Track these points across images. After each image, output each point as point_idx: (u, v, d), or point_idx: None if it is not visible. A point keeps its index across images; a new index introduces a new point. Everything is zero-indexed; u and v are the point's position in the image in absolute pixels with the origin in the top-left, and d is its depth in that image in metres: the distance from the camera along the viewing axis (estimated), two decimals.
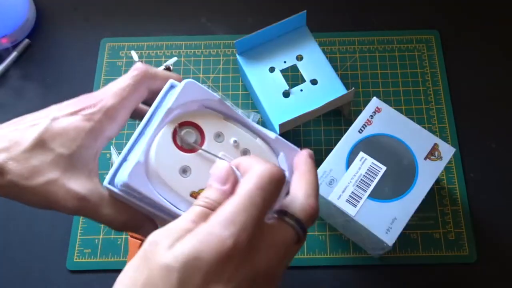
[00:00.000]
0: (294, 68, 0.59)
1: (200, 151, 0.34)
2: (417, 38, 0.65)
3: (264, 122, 0.60)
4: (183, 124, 0.35)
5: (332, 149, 0.50)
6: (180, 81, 0.38)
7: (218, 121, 0.36)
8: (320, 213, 0.54)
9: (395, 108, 0.51)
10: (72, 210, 0.35)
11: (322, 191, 0.48)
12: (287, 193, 0.33)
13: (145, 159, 0.33)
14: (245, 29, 0.65)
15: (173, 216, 0.33)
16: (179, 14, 0.69)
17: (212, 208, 0.29)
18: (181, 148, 0.34)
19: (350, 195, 0.47)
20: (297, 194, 0.32)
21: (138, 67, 0.38)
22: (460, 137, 0.59)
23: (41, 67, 0.65)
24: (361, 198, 0.47)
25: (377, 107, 0.51)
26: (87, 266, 0.54)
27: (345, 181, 0.48)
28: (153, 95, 0.38)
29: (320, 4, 0.68)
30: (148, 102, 0.38)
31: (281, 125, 0.52)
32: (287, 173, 0.35)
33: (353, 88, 0.54)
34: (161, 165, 0.33)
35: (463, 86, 0.62)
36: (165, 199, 0.33)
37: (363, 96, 0.62)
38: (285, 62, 0.58)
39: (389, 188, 0.47)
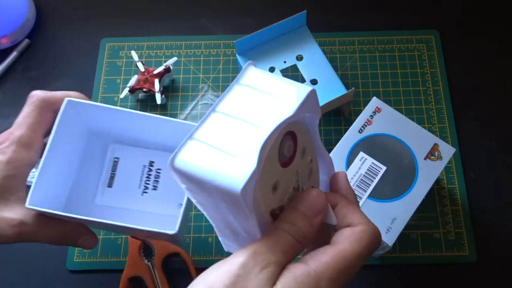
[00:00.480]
0: (294, 68, 0.59)
1: (289, 167, 0.29)
2: (417, 38, 0.65)
3: None
4: (287, 134, 0.29)
5: (332, 149, 0.49)
6: (79, 97, 0.43)
7: (305, 135, 0.31)
8: None
9: (395, 108, 0.51)
10: (13, 237, 0.39)
11: None
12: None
13: (258, 166, 0.26)
14: (245, 29, 0.65)
15: (251, 236, 0.29)
16: (179, 14, 0.69)
17: (299, 240, 0.28)
18: (281, 162, 0.29)
19: None
20: (360, 226, 0.29)
21: (33, 94, 0.42)
22: (460, 137, 0.59)
23: (41, 67, 0.65)
24: (361, 198, 0.47)
25: (377, 107, 0.51)
26: (87, 266, 0.54)
27: None
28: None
29: (320, 4, 0.68)
30: None
31: None
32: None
33: (353, 88, 0.54)
34: (262, 177, 0.27)
35: (463, 86, 0.62)
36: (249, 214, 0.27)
37: (363, 96, 0.62)
38: (285, 62, 0.58)
39: (389, 188, 0.47)
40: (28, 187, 0.40)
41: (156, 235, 0.41)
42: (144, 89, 0.60)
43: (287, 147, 0.29)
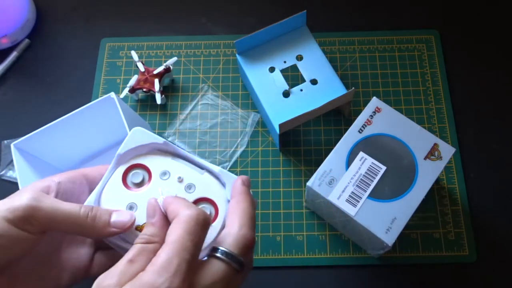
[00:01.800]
0: (294, 68, 0.59)
1: (146, 189, 0.39)
2: (417, 38, 0.65)
3: (264, 122, 0.60)
4: (132, 167, 0.40)
5: (332, 149, 0.49)
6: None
7: (165, 160, 0.40)
8: (320, 213, 0.54)
9: (395, 108, 0.51)
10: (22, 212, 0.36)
11: (322, 191, 0.48)
12: (223, 227, 0.37)
13: (97, 198, 0.38)
14: (245, 29, 0.65)
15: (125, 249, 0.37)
16: (179, 14, 0.69)
17: (148, 242, 0.33)
18: (129, 187, 0.39)
19: (350, 195, 0.47)
20: (231, 226, 0.35)
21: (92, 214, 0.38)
22: (460, 137, 0.59)
23: (41, 67, 0.65)
24: (361, 198, 0.47)
25: (377, 107, 0.51)
26: None
27: (345, 181, 0.48)
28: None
29: (320, 4, 0.68)
30: None
31: (281, 125, 0.52)
32: (236, 188, 0.39)
33: (353, 88, 0.54)
34: (110, 203, 0.38)
35: (463, 86, 0.62)
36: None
37: (363, 96, 0.62)
38: (285, 62, 0.58)
39: (389, 188, 0.47)
40: None
41: None
42: (144, 89, 0.60)
43: (132, 175, 0.39)
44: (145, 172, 0.40)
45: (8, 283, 0.36)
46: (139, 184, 0.39)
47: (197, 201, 0.39)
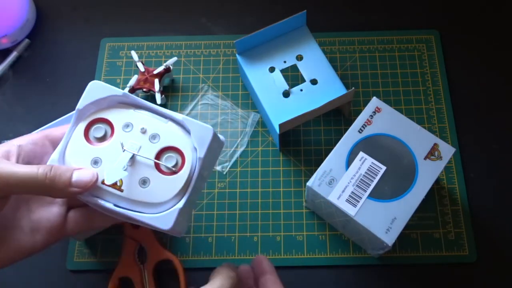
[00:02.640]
0: (294, 68, 0.59)
1: (109, 142, 0.38)
2: (417, 38, 0.65)
3: (264, 122, 0.60)
4: (94, 122, 0.39)
5: (332, 149, 0.50)
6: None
7: (127, 112, 0.39)
8: (320, 213, 0.54)
9: (395, 108, 0.51)
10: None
11: (322, 191, 0.48)
12: (190, 175, 0.38)
13: (60, 157, 0.38)
14: (245, 29, 0.65)
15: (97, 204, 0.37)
16: (179, 14, 0.69)
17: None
18: (92, 142, 0.39)
19: (350, 195, 0.47)
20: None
21: (44, 171, 0.36)
22: (460, 137, 0.59)
23: (41, 67, 0.65)
24: (361, 198, 0.47)
25: (377, 107, 0.51)
26: (87, 266, 0.54)
27: (345, 181, 0.48)
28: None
29: (320, 4, 0.68)
30: None
31: (281, 125, 0.52)
32: (196, 151, 0.38)
33: (353, 88, 0.54)
34: (73, 159, 0.38)
35: (463, 86, 0.62)
36: None
37: (363, 96, 0.62)
38: (285, 62, 0.58)
39: (389, 188, 0.47)
40: None
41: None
42: (144, 89, 0.60)
43: (94, 130, 0.39)
44: (107, 126, 0.39)
45: None
46: (102, 139, 0.39)
47: (163, 150, 0.38)
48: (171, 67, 0.61)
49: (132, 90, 0.60)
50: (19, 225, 0.38)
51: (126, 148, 0.38)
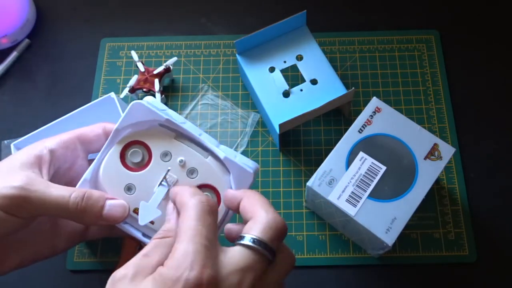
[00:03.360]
0: (294, 68, 0.59)
1: (145, 170, 0.37)
2: (417, 38, 0.65)
3: (264, 122, 0.60)
4: (131, 144, 0.37)
5: (332, 149, 0.49)
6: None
7: (167, 140, 0.37)
8: (320, 213, 0.54)
9: (395, 108, 0.51)
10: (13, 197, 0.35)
11: (322, 191, 0.48)
12: (225, 216, 0.37)
13: (92, 177, 0.36)
14: (245, 29, 0.65)
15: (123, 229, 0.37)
16: (179, 14, 0.69)
17: (164, 236, 0.32)
18: (128, 167, 0.37)
19: (350, 195, 0.47)
20: (256, 216, 0.32)
21: (76, 199, 0.35)
22: (460, 137, 0.59)
23: (41, 67, 0.65)
24: (361, 198, 0.47)
25: (377, 107, 0.51)
26: (87, 266, 0.54)
27: (345, 181, 0.48)
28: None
29: (320, 4, 0.68)
30: None
31: (281, 125, 0.52)
32: (235, 191, 0.36)
33: (353, 88, 0.54)
34: (107, 182, 0.36)
35: (463, 86, 0.62)
36: None
37: (363, 96, 0.62)
38: (285, 62, 0.58)
39: (389, 188, 0.47)
40: None
41: None
42: (144, 89, 0.60)
43: (131, 154, 0.37)
44: (145, 150, 0.37)
45: (1, 254, 0.36)
46: (139, 164, 0.37)
47: (200, 187, 0.37)
48: (171, 67, 0.61)
49: (132, 90, 0.60)
50: (41, 229, 0.38)
51: (163, 182, 0.36)
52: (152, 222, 0.37)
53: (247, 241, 0.30)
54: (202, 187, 0.37)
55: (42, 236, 0.38)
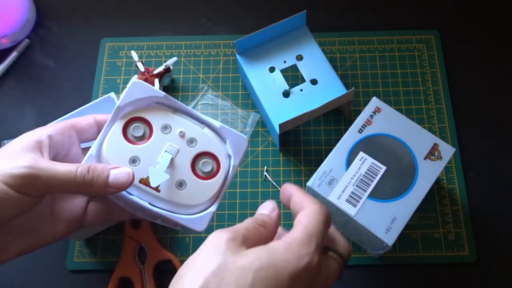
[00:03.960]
0: (294, 68, 0.59)
1: (148, 143, 0.39)
2: (417, 38, 0.65)
3: (264, 122, 0.60)
4: (133, 120, 0.40)
5: (332, 149, 0.49)
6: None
7: (166, 114, 0.40)
8: None
9: (395, 108, 0.51)
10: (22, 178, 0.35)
11: (322, 191, 0.48)
12: (224, 182, 0.40)
13: (97, 152, 0.38)
14: (245, 29, 0.65)
15: (125, 200, 0.38)
16: (179, 14, 0.69)
17: (262, 225, 0.34)
18: (131, 141, 0.39)
19: (350, 195, 0.47)
20: (341, 238, 0.36)
21: (82, 171, 0.36)
22: (460, 137, 0.59)
23: (41, 67, 0.65)
24: (361, 198, 0.47)
25: (377, 107, 0.51)
26: (87, 266, 0.54)
27: (345, 181, 0.48)
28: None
29: (320, 4, 0.68)
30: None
31: (281, 125, 0.52)
32: (231, 158, 0.40)
33: (353, 88, 0.54)
34: (111, 156, 0.38)
35: (463, 86, 0.62)
36: None
37: (363, 96, 0.62)
38: (285, 62, 0.58)
39: (389, 188, 0.47)
40: None
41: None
42: None
43: (133, 129, 0.39)
44: (146, 125, 0.40)
45: (1, 239, 0.36)
46: (141, 138, 0.39)
47: (198, 155, 0.40)
48: (171, 67, 0.61)
49: None
50: (42, 215, 0.39)
51: (167, 150, 0.39)
52: (158, 190, 0.39)
53: (338, 257, 0.34)
54: (202, 154, 0.40)
55: (42, 223, 0.39)
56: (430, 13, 0.67)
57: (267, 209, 0.37)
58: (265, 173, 0.57)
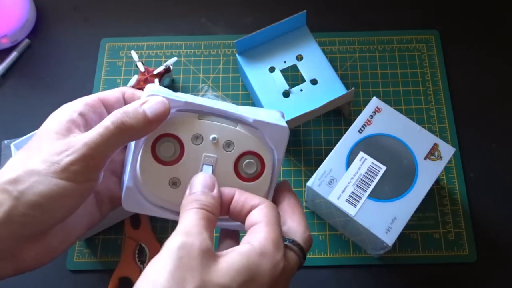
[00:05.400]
0: (294, 68, 0.59)
1: (183, 160, 0.35)
2: (417, 38, 0.65)
3: None
4: (159, 138, 0.35)
5: (332, 149, 0.49)
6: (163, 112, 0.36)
7: (192, 122, 0.36)
8: (320, 213, 0.54)
9: (395, 108, 0.51)
10: None
11: (322, 191, 0.48)
12: (272, 178, 0.37)
13: (134, 182, 0.35)
14: (245, 29, 0.65)
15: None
16: (179, 14, 0.69)
17: (212, 212, 0.31)
18: (164, 163, 0.35)
19: (350, 195, 0.47)
20: (295, 225, 0.34)
21: (114, 120, 0.32)
22: (460, 137, 0.59)
23: (41, 67, 0.65)
24: (361, 198, 0.47)
25: (377, 107, 0.51)
26: (87, 266, 0.54)
27: (345, 181, 0.48)
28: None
29: (320, 4, 0.68)
30: None
31: None
32: (274, 152, 0.37)
33: (353, 88, 0.54)
34: (150, 185, 0.35)
35: (463, 86, 0.62)
36: (169, 208, 0.35)
37: (363, 96, 0.62)
38: (285, 62, 0.58)
39: (389, 188, 0.47)
40: None
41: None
42: None
43: (162, 150, 0.35)
44: (174, 140, 0.35)
45: (64, 232, 0.34)
46: (173, 156, 0.35)
47: (239, 158, 0.36)
48: (171, 67, 0.61)
49: None
50: (88, 200, 0.35)
51: (205, 162, 0.35)
52: None
53: (297, 249, 0.33)
54: (242, 155, 0.36)
55: (91, 206, 0.36)
56: (430, 13, 0.67)
57: (206, 186, 0.33)
58: None
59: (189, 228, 0.29)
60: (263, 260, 0.29)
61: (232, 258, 0.29)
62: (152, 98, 0.34)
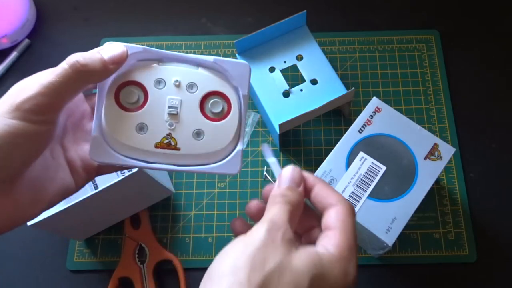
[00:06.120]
0: (294, 68, 0.59)
1: (147, 105, 0.36)
2: (417, 38, 0.65)
3: (264, 122, 0.60)
4: (121, 86, 0.36)
5: (332, 149, 0.50)
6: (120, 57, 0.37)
7: (153, 69, 0.36)
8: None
9: (395, 108, 0.51)
10: None
11: None
12: (240, 119, 0.37)
13: (100, 131, 0.35)
14: (245, 29, 0.65)
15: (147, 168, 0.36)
16: (179, 14, 0.69)
17: (296, 208, 0.32)
18: (129, 109, 0.36)
19: (350, 195, 0.47)
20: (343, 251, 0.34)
21: (70, 61, 0.35)
22: (460, 137, 0.59)
23: (41, 67, 0.65)
24: (361, 198, 0.47)
25: (377, 107, 0.51)
26: (87, 266, 0.54)
27: (345, 181, 0.48)
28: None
29: (320, 4, 0.68)
30: None
31: (281, 125, 0.52)
32: (238, 89, 0.37)
33: (353, 88, 0.54)
34: (116, 131, 0.35)
35: (463, 86, 0.62)
36: (134, 158, 0.36)
37: (363, 96, 0.62)
38: (285, 62, 0.58)
39: (389, 188, 0.47)
40: None
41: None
42: None
43: (126, 96, 0.36)
44: (137, 87, 0.36)
45: (33, 194, 0.34)
46: (137, 102, 0.36)
47: (204, 98, 0.36)
48: None
49: None
50: (59, 164, 0.36)
51: (170, 105, 0.36)
52: (178, 148, 0.36)
53: None
54: (207, 96, 0.37)
55: (62, 171, 0.37)
56: (430, 13, 0.67)
57: (293, 181, 0.34)
58: (265, 173, 0.57)
59: (276, 218, 0.31)
60: (336, 268, 0.30)
61: (309, 254, 0.30)
62: (109, 44, 0.35)
